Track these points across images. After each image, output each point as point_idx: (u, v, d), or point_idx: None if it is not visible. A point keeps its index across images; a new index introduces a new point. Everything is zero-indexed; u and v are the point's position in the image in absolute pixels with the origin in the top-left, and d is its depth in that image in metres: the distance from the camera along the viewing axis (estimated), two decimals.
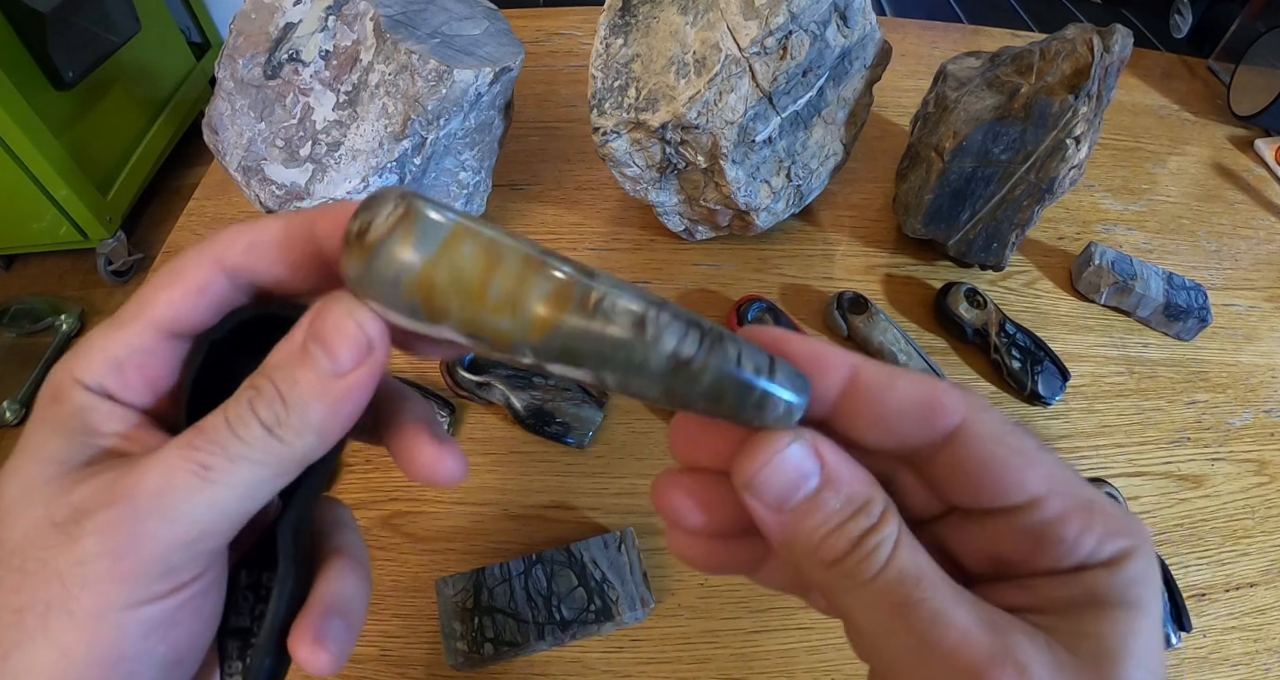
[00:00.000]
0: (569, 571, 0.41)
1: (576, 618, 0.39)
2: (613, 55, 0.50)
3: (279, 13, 0.47)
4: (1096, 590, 0.16)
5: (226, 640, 0.18)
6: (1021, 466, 0.16)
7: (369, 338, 0.15)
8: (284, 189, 0.48)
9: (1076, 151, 0.50)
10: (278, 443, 0.15)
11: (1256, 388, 0.56)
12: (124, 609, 0.15)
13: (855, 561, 0.16)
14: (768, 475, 0.16)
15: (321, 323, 0.15)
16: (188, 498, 0.15)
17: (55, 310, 1.43)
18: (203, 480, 0.15)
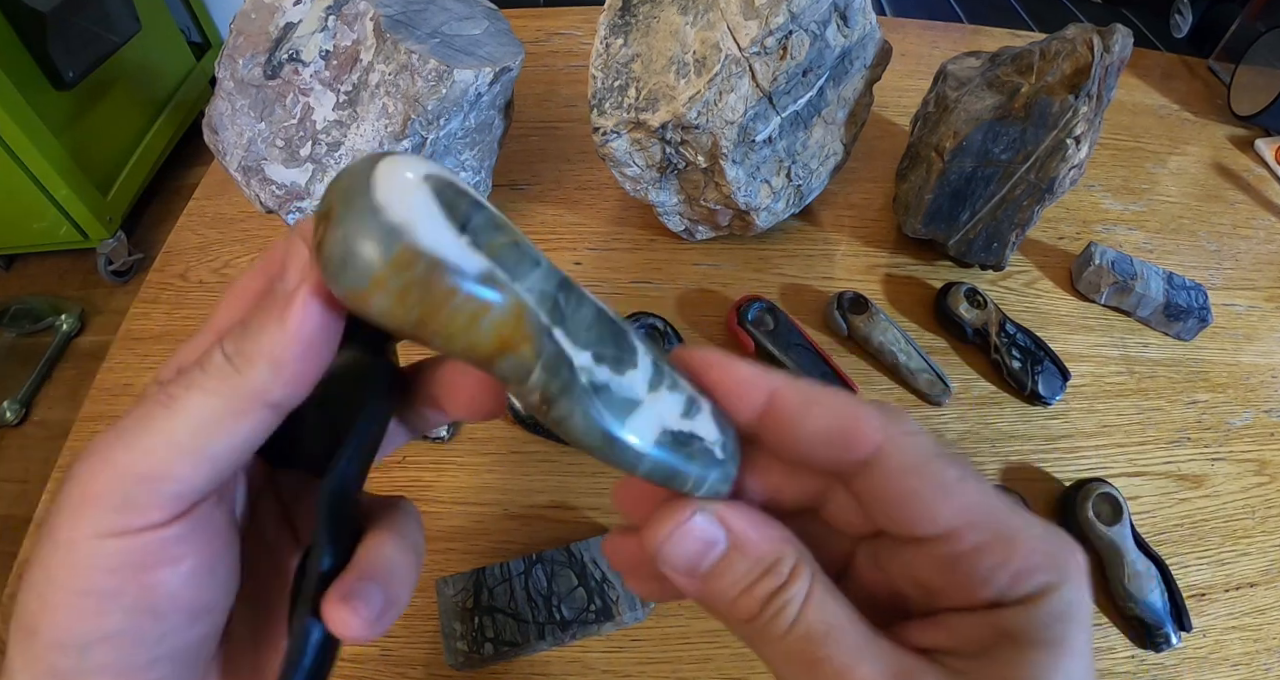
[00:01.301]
0: (569, 571, 0.41)
1: (576, 618, 0.39)
2: (613, 55, 0.50)
3: (279, 13, 0.47)
4: (1013, 629, 0.15)
5: None
6: (936, 498, 0.16)
7: (301, 250, 0.15)
8: (284, 189, 0.48)
9: (1076, 151, 0.50)
10: (234, 372, 0.15)
11: (1256, 388, 0.56)
12: (89, 538, 0.15)
13: (766, 620, 0.16)
14: (674, 545, 0.16)
15: (281, 256, 0.16)
16: (152, 426, 0.15)
17: (55, 310, 1.43)
18: (166, 408, 0.15)
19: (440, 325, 0.14)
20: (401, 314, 0.14)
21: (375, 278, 0.13)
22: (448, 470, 0.47)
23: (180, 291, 0.57)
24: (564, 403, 0.15)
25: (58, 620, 0.15)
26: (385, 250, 0.13)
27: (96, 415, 0.50)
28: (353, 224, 0.13)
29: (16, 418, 1.30)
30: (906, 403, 0.52)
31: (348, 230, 0.13)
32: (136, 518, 0.15)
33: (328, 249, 0.13)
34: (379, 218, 0.13)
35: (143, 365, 0.52)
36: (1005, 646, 0.15)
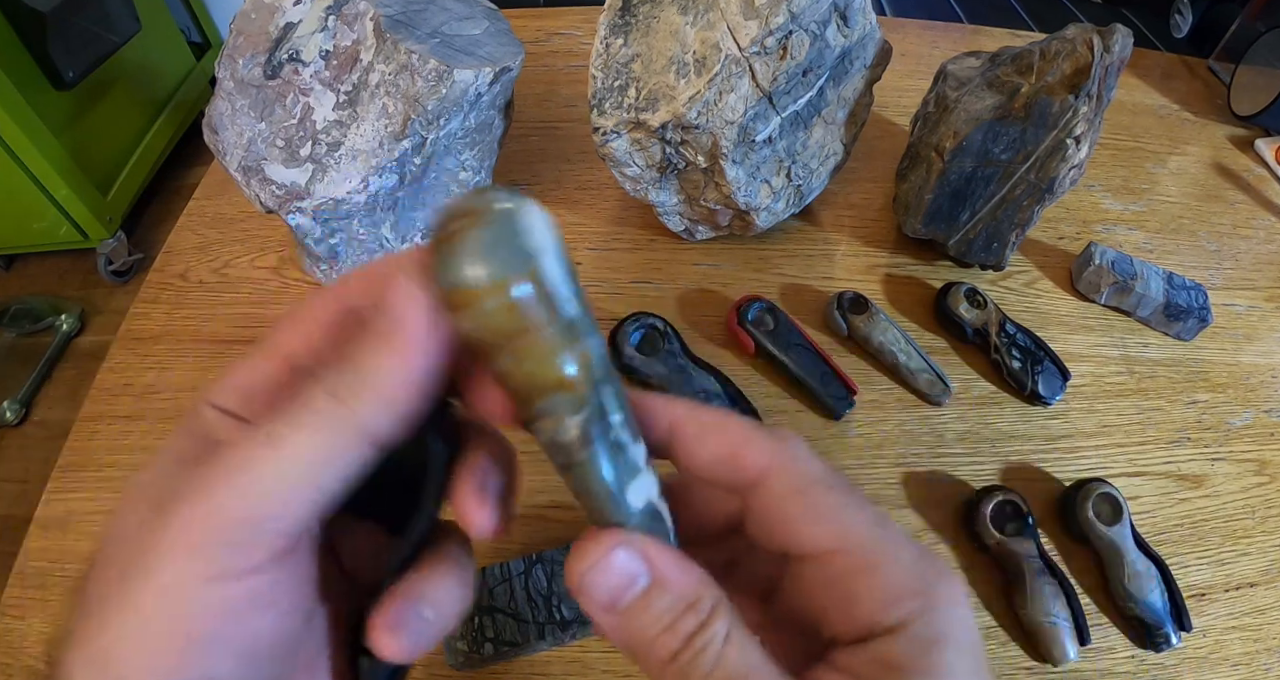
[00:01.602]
0: None
1: (577, 617, 0.39)
2: (613, 55, 0.50)
3: (279, 13, 0.47)
4: (889, 659, 0.16)
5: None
6: (808, 520, 0.17)
7: (419, 291, 0.16)
8: (284, 189, 0.48)
9: (1076, 151, 0.50)
10: (341, 406, 0.15)
11: (1256, 388, 0.56)
12: (197, 582, 0.14)
13: (688, 659, 0.16)
14: (594, 577, 0.16)
15: (382, 292, 0.16)
16: (256, 468, 0.15)
17: (55, 310, 1.43)
18: (270, 448, 0.15)
19: (523, 348, 0.15)
20: (497, 326, 0.15)
21: (496, 283, 0.15)
22: None
23: (180, 291, 0.57)
24: (594, 449, 0.16)
25: (156, 666, 0.14)
26: (519, 264, 0.15)
27: (96, 415, 0.50)
28: (500, 231, 0.15)
29: (16, 418, 1.30)
30: (906, 403, 0.52)
31: (495, 234, 0.15)
32: (244, 560, 0.15)
33: (463, 243, 0.15)
34: (521, 237, 0.15)
35: (143, 365, 0.52)
36: (884, 677, 0.16)
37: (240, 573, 0.15)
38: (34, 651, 0.40)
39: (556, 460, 0.17)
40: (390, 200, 0.51)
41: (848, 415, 0.51)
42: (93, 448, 0.48)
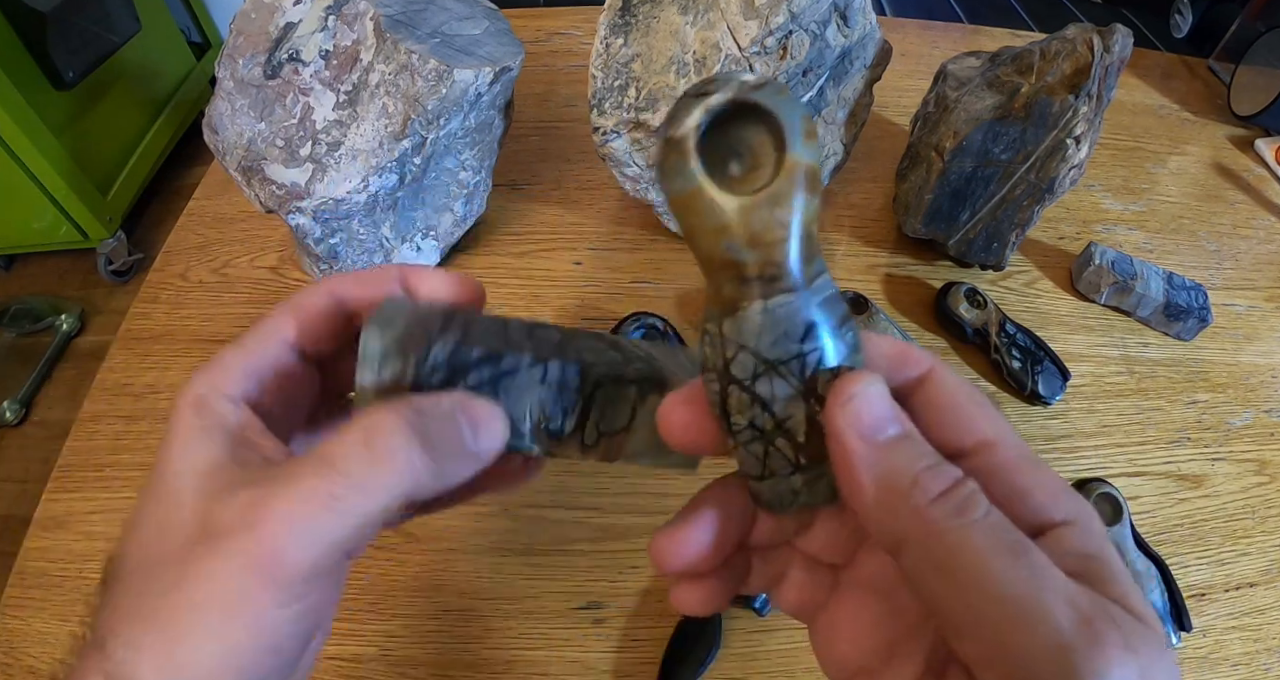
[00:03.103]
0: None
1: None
2: (613, 55, 0.50)
3: (279, 12, 0.47)
4: (1084, 551, 0.16)
5: None
6: (977, 412, 0.18)
7: (501, 435, 0.19)
8: (284, 189, 0.48)
9: (1076, 151, 0.50)
10: (409, 474, 0.18)
11: (1256, 388, 0.56)
12: (276, 609, 0.17)
13: (960, 500, 0.15)
14: (859, 405, 0.17)
15: (474, 411, 0.19)
16: (320, 527, 0.17)
17: (55, 310, 1.43)
18: (331, 511, 0.17)
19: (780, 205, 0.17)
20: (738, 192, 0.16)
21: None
22: None
23: (180, 291, 0.57)
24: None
25: (245, 669, 0.16)
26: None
27: (96, 415, 0.50)
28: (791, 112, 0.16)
29: (16, 418, 1.30)
30: None
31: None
32: (309, 589, 0.17)
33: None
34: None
35: (143, 365, 0.52)
36: (1087, 566, 0.15)
37: (305, 596, 0.17)
38: (34, 651, 0.40)
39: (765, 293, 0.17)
40: (390, 200, 0.51)
41: None
42: (93, 448, 0.48)
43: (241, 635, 0.16)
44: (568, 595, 0.42)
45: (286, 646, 0.17)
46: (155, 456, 0.19)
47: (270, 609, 0.16)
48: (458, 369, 0.19)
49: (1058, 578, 0.14)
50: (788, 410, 0.17)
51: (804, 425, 0.17)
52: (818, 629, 0.21)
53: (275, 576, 0.16)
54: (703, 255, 0.17)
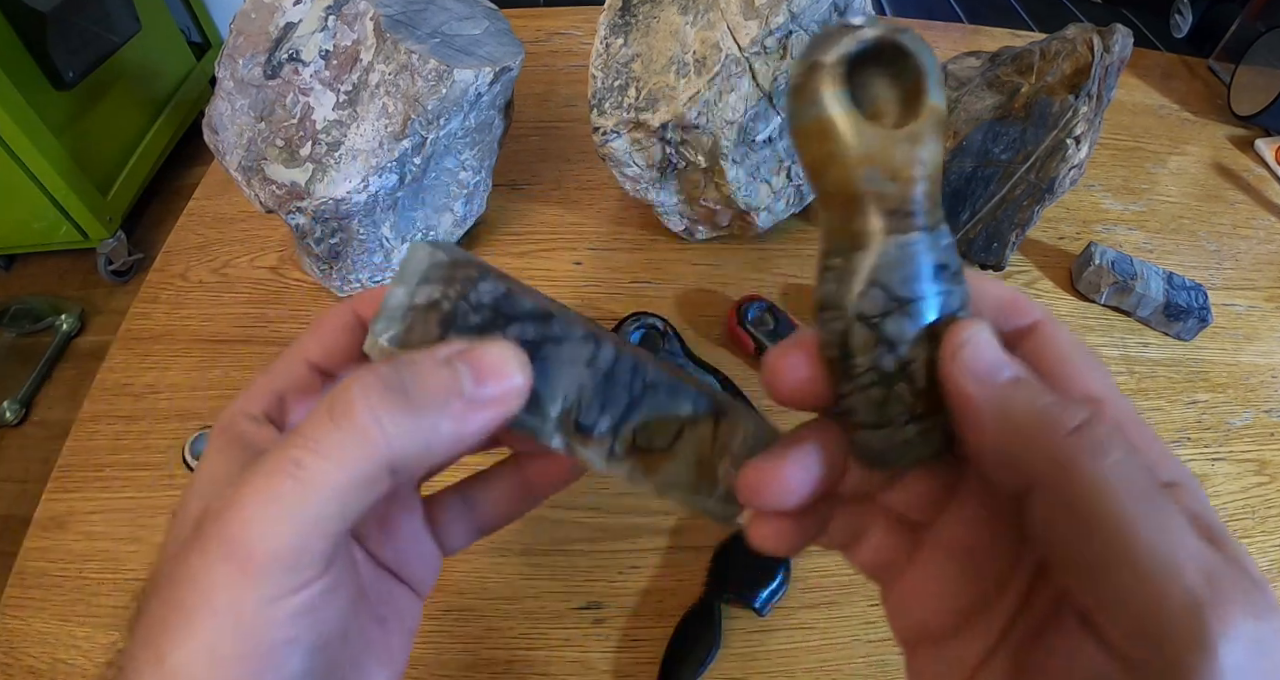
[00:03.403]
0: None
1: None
2: (613, 55, 0.50)
3: (279, 12, 0.47)
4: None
5: None
6: (1089, 365, 0.17)
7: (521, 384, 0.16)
8: (284, 189, 0.48)
9: (1076, 151, 0.50)
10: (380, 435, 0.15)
11: (1256, 388, 0.56)
12: (261, 605, 0.15)
13: (1100, 436, 0.15)
14: (971, 350, 0.16)
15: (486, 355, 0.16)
16: (286, 501, 0.15)
17: (55, 310, 1.43)
18: (297, 481, 0.15)
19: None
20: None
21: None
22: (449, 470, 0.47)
23: (180, 291, 0.57)
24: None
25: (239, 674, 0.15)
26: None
27: (96, 415, 0.50)
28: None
29: (16, 418, 1.30)
30: None
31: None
32: (298, 578, 0.15)
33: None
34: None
35: (143, 365, 0.52)
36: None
37: (293, 590, 0.15)
38: (34, 651, 0.40)
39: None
40: (390, 200, 0.51)
41: None
42: (93, 448, 0.48)
43: (227, 638, 0.15)
44: (568, 595, 0.42)
45: (286, 657, 0.15)
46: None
47: (253, 606, 0.15)
48: (502, 315, 0.17)
49: (1189, 532, 0.14)
50: (912, 353, 0.17)
51: (925, 370, 0.17)
52: (894, 591, 0.20)
53: (249, 563, 0.15)
54: (836, 185, 0.16)
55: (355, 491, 0.15)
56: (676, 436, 0.19)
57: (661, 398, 0.19)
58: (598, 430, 0.18)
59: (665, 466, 0.19)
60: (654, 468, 0.19)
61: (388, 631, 0.20)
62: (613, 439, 0.19)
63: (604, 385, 0.18)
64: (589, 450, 0.19)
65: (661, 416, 0.19)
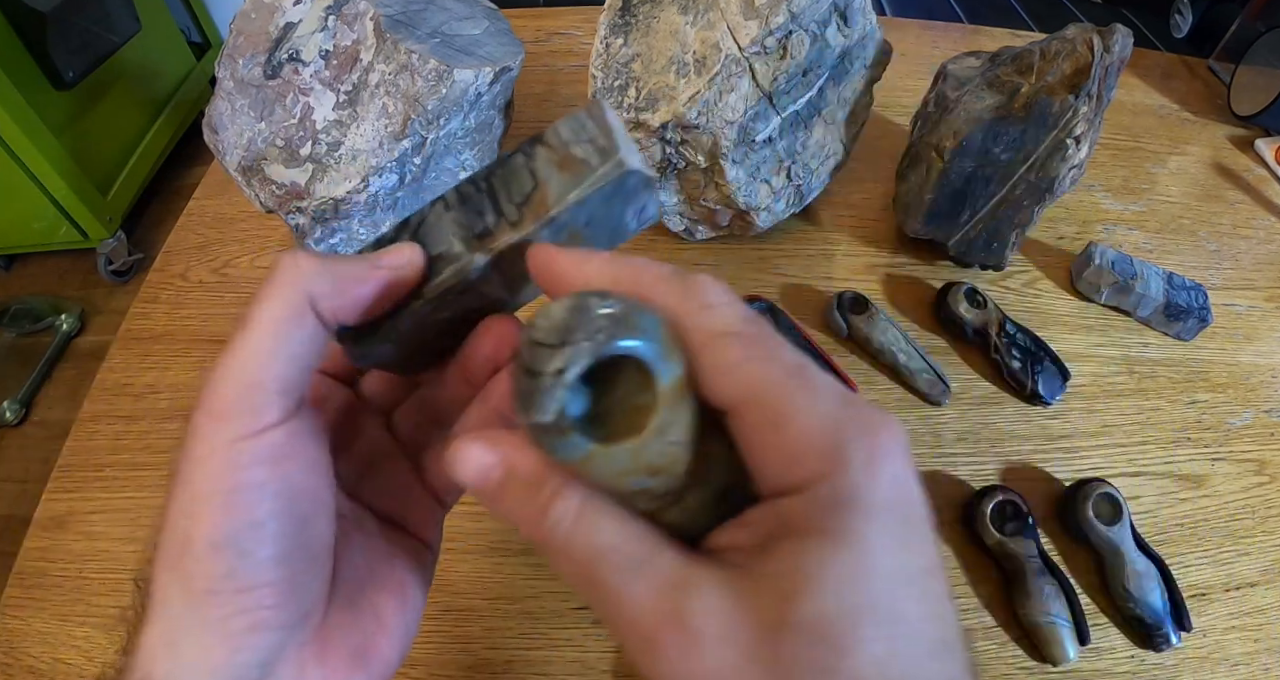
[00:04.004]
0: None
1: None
2: (613, 55, 0.50)
3: (279, 13, 0.47)
4: (789, 518, 0.15)
5: None
6: (716, 374, 0.16)
7: (410, 259, 0.20)
8: (284, 189, 0.48)
9: (1076, 151, 0.50)
10: (291, 283, 0.18)
11: (1256, 388, 0.56)
12: (226, 445, 0.17)
13: (545, 535, 0.16)
14: (460, 465, 0.18)
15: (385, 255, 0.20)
16: (239, 346, 0.17)
17: (55, 310, 1.43)
18: (240, 330, 0.17)
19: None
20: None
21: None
22: None
23: (180, 291, 0.57)
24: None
25: (214, 520, 0.17)
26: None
27: (96, 415, 0.50)
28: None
29: (16, 418, 1.30)
30: (906, 403, 0.52)
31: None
32: (259, 419, 0.17)
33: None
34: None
35: (143, 365, 0.52)
36: (781, 538, 0.15)
37: (259, 430, 0.17)
38: (34, 651, 0.40)
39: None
40: (390, 200, 0.51)
41: None
42: (93, 448, 0.48)
43: (203, 478, 0.17)
44: (568, 595, 0.42)
45: (256, 498, 0.17)
46: None
47: (224, 446, 0.17)
48: (388, 242, 0.21)
49: (625, 606, 0.16)
50: None
51: None
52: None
53: (218, 410, 0.17)
54: (611, 494, 0.17)
55: (288, 326, 0.18)
56: (532, 174, 0.21)
57: (499, 170, 0.22)
58: (489, 225, 0.21)
59: (549, 193, 0.21)
60: (544, 201, 0.21)
61: (396, 568, 0.22)
62: (503, 217, 0.21)
63: (465, 205, 0.21)
64: (500, 238, 0.21)
65: (511, 176, 0.21)
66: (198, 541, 0.17)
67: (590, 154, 0.21)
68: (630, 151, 0.21)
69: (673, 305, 0.17)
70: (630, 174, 0.21)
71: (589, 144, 0.21)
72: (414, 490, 0.23)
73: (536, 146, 0.22)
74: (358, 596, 0.20)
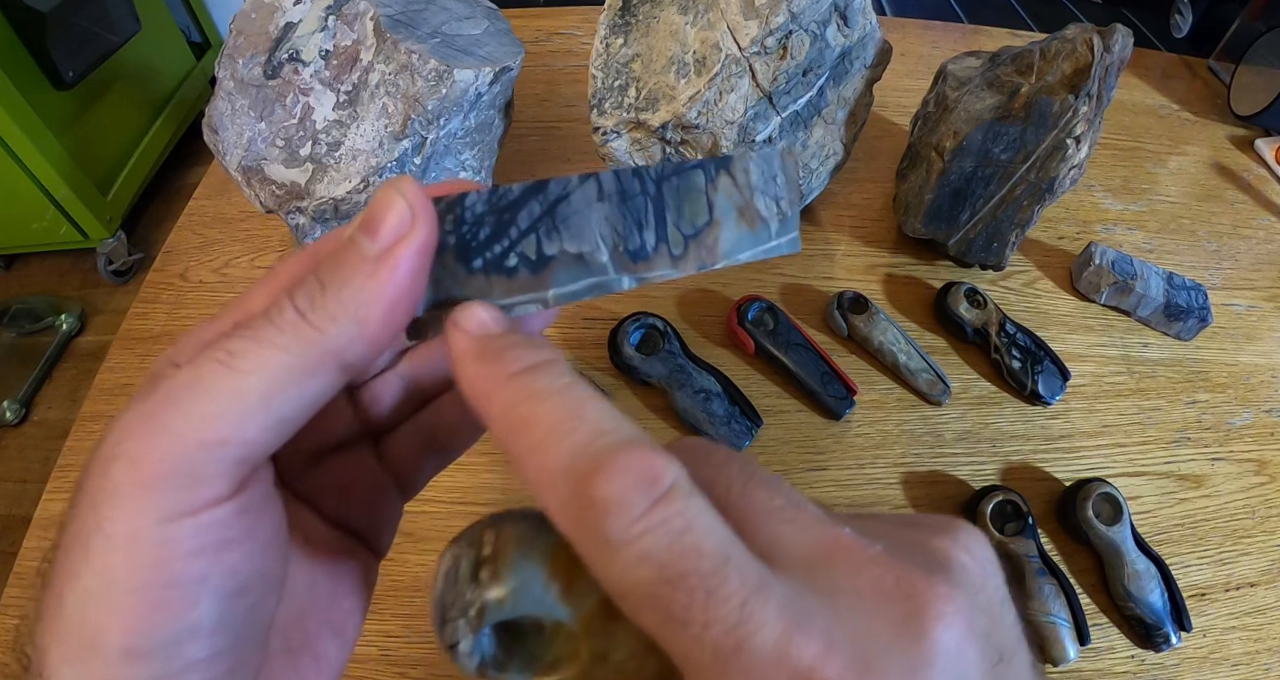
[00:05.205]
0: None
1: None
2: (613, 55, 0.50)
3: (279, 12, 0.47)
4: None
5: None
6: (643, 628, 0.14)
7: (411, 207, 0.14)
8: (284, 189, 0.48)
9: (1076, 151, 0.50)
10: (309, 327, 0.14)
11: (1256, 388, 0.56)
12: (158, 523, 0.13)
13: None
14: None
15: (370, 207, 0.15)
16: (208, 386, 0.13)
17: (55, 310, 1.43)
18: (227, 367, 0.13)
19: None
20: None
21: None
22: (447, 470, 0.47)
23: (180, 291, 0.57)
24: None
25: (135, 624, 0.13)
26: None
27: (96, 415, 0.50)
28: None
29: (16, 418, 1.30)
30: (906, 403, 0.52)
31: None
32: (205, 492, 0.13)
33: None
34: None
35: (142, 365, 0.52)
36: None
37: (198, 507, 0.13)
38: None
39: None
40: None
41: (848, 415, 0.51)
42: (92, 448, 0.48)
43: (123, 566, 0.13)
44: None
45: (194, 598, 0.13)
46: None
47: (151, 525, 0.13)
48: (504, 211, 0.16)
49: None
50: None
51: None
52: None
53: (147, 468, 0.13)
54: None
55: (293, 386, 0.14)
56: (710, 206, 0.18)
57: (677, 183, 0.18)
58: (649, 246, 0.17)
59: (720, 236, 0.18)
60: (714, 244, 0.18)
61: (338, 596, 0.19)
62: (666, 245, 0.18)
63: (623, 206, 0.17)
64: (655, 266, 0.18)
65: (687, 196, 0.18)
66: (111, 647, 0.13)
67: (772, 216, 0.19)
68: (798, 219, 0.19)
69: (571, 536, 0.13)
70: (796, 251, 0.19)
71: (774, 201, 0.19)
72: (372, 480, 0.21)
73: (721, 175, 0.18)
74: (295, 640, 0.17)
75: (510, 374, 0.14)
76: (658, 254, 0.17)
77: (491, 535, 0.15)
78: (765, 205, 0.19)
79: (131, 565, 0.13)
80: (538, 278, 0.17)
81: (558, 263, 0.17)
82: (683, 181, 0.18)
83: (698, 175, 0.18)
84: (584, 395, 0.14)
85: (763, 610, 0.12)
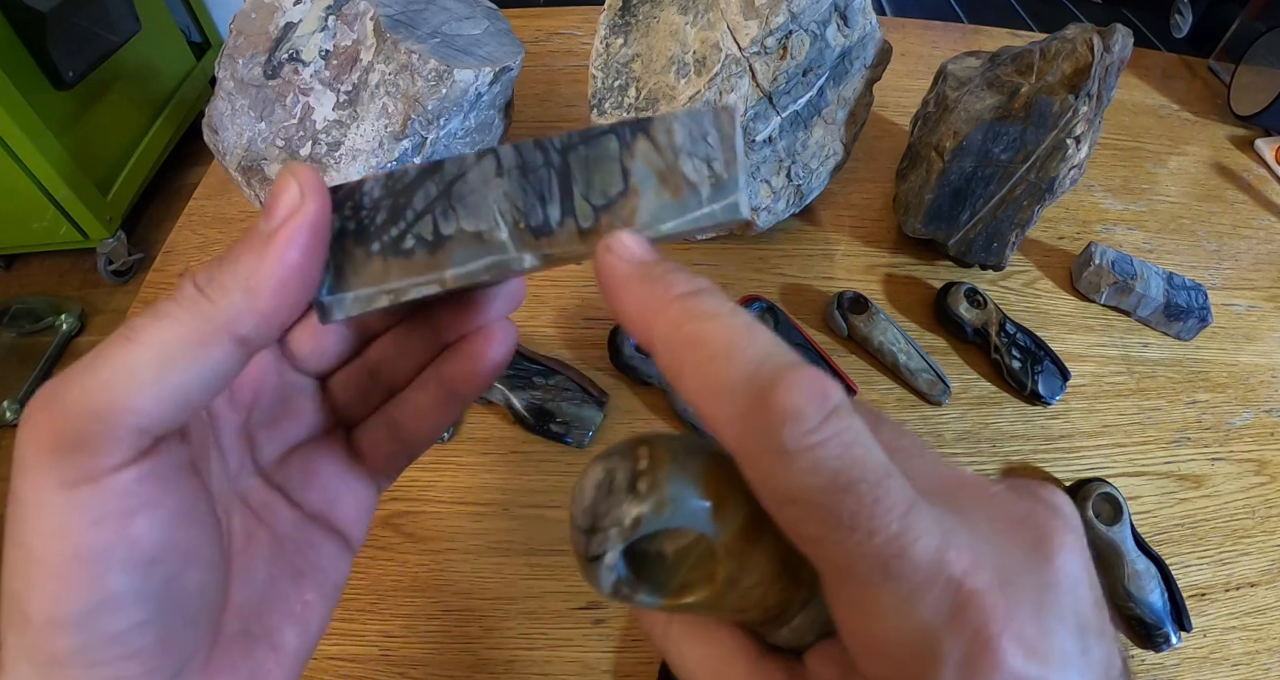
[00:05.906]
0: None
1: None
2: (613, 55, 0.50)
3: (279, 12, 0.47)
4: None
5: None
6: (800, 540, 0.15)
7: (301, 188, 0.15)
8: None
9: (1076, 151, 0.50)
10: (205, 300, 0.15)
11: (1256, 388, 0.56)
12: (58, 489, 0.13)
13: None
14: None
15: (270, 193, 0.16)
16: (107, 361, 0.14)
17: (55, 310, 1.43)
18: (125, 340, 0.14)
19: None
20: None
21: None
22: (447, 470, 0.47)
23: None
24: None
25: (50, 595, 0.14)
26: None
27: None
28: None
29: (16, 417, 1.30)
30: (906, 403, 0.52)
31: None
32: (101, 460, 0.14)
33: None
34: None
35: None
36: None
37: (95, 474, 0.14)
38: None
39: None
40: None
41: None
42: None
43: (34, 536, 0.14)
44: (568, 595, 0.42)
45: (101, 571, 0.14)
46: None
47: (49, 488, 0.13)
48: (400, 194, 0.16)
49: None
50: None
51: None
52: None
53: (44, 434, 0.14)
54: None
55: (190, 359, 0.14)
56: (625, 173, 0.16)
57: (585, 152, 0.16)
58: (554, 220, 0.16)
59: (639, 205, 0.16)
60: (631, 215, 0.16)
61: (302, 586, 0.19)
62: (573, 217, 0.16)
63: (524, 179, 0.16)
64: (562, 242, 0.16)
65: (598, 166, 0.16)
66: (34, 616, 0.14)
67: (703, 179, 0.16)
68: (745, 185, 0.17)
69: (739, 446, 0.14)
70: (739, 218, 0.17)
71: (704, 163, 0.16)
72: (343, 471, 0.21)
73: (639, 138, 0.16)
74: (253, 624, 0.18)
75: (676, 295, 0.15)
76: (563, 228, 0.16)
77: (646, 450, 0.15)
78: (694, 168, 0.16)
79: (40, 537, 0.13)
80: (434, 258, 0.16)
81: (455, 242, 0.16)
82: (592, 150, 0.16)
83: (609, 141, 0.16)
84: (750, 319, 0.14)
85: (921, 522, 0.13)
